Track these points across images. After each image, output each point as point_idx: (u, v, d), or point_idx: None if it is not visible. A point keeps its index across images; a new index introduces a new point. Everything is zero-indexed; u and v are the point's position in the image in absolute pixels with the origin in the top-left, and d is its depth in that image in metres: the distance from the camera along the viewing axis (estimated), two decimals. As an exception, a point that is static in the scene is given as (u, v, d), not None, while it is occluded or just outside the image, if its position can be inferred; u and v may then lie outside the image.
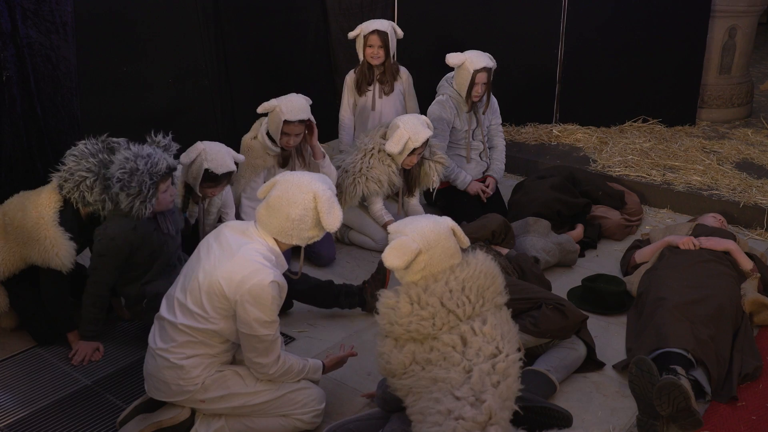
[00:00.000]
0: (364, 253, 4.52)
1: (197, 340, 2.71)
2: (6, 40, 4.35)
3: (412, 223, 2.60)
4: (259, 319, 2.61)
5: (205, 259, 2.71)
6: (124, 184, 3.19)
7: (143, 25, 5.09)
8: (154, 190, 3.24)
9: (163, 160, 3.28)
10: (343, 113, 5.14)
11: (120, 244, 3.29)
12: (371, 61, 4.90)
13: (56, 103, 4.67)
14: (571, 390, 3.21)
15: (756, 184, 5.12)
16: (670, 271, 3.73)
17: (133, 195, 3.21)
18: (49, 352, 3.52)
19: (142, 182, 3.20)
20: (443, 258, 2.55)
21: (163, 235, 3.46)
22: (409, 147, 4.25)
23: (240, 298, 2.58)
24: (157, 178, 3.25)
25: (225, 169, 3.69)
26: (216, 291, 2.62)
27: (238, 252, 2.64)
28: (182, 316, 2.71)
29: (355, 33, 4.93)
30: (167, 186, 3.36)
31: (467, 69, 4.61)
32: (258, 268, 2.59)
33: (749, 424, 2.98)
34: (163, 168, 3.27)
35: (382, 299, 2.59)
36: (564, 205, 4.58)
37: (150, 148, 3.31)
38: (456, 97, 4.77)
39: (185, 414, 2.86)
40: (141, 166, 3.20)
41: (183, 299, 2.72)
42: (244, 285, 2.57)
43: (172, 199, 3.44)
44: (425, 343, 2.52)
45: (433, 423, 2.41)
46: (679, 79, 6.36)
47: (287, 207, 2.64)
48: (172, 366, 2.73)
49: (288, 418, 2.87)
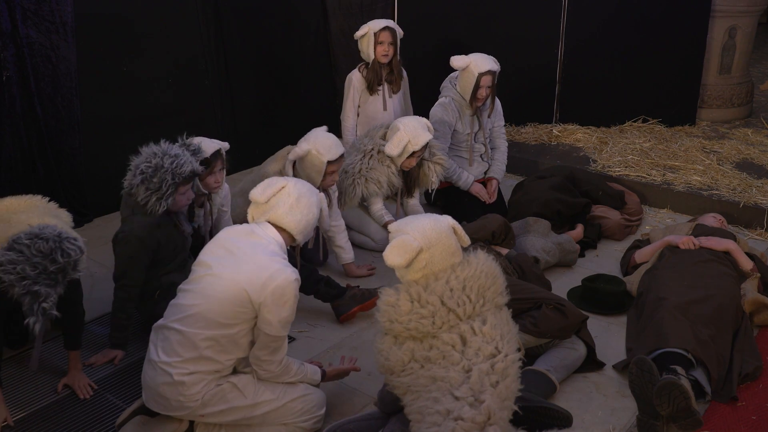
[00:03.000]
0: (364, 254, 4.52)
1: (203, 356, 2.68)
2: (6, 40, 4.35)
3: (412, 221, 2.60)
4: (283, 319, 2.65)
5: (218, 267, 2.69)
6: (146, 177, 3.22)
7: (143, 25, 5.09)
8: (174, 190, 3.26)
9: (189, 164, 3.30)
10: (348, 115, 5.02)
11: (149, 244, 3.31)
12: (382, 59, 4.84)
13: (56, 103, 4.67)
14: (571, 390, 3.21)
15: (756, 184, 5.12)
16: (670, 271, 3.73)
17: (152, 190, 3.23)
18: (50, 351, 3.52)
19: (164, 180, 3.22)
20: (444, 256, 2.55)
21: (181, 232, 3.50)
22: (409, 150, 4.25)
23: (265, 299, 2.61)
24: (179, 180, 3.26)
25: (212, 149, 3.67)
26: (240, 296, 2.62)
27: (254, 254, 2.66)
28: (196, 326, 2.67)
29: (362, 32, 4.82)
30: (187, 189, 3.38)
31: (472, 72, 4.57)
32: (279, 267, 2.63)
33: (749, 424, 2.98)
34: (187, 171, 3.28)
35: (382, 297, 2.59)
36: (564, 205, 4.58)
37: (179, 149, 3.33)
38: (459, 100, 4.74)
39: (184, 427, 2.86)
40: (167, 164, 3.22)
41: (196, 308, 2.67)
42: (269, 285, 2.60)
43: (188, 202, 3.46)
44: (424, 341, 2.52)
45: (432, 423, 2.41)
46: (679, 79, 6.36)
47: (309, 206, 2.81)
48: (172, 383, 2.69)
49: (289, 426, 2.86)
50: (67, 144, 4.78)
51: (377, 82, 4.93)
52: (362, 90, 4.96)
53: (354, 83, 4.96)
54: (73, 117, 4.77)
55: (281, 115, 6.12)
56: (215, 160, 3.69)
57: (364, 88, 4.95)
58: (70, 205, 4.86)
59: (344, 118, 5.06)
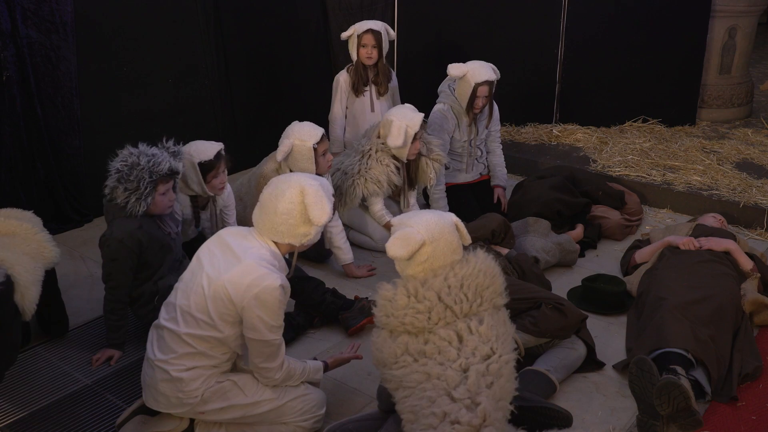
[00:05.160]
0: (364, 253, 4.52)
1: (198, 351, 2.69)
2: (6, 40, 4.35)
3: (416, 215, 2.60)
4: (267, 323, 2.60)
5: (209, 266, 2.68)
6: (122, 176, 3.19)
7: (143, 25, 5.09)
8: (152, 188, 3.23)
9: (167, 162, 3.25)
10: (336, 115, 5.01)
11: (130, 245, 3.26)
12: (365, 61, 4.85)
13: (56, 103, 4.67)
14: (571, 390, 3.21)
15: (756, 184, 5.12)
16: (670, 271, 3.73)
17: (130, 190, 3.20)
18: (49, 351, 3.52)
19: (141, 178, 3.18)
20: (446, 252, 2.55)
21: (166, 234, 3.46)
22: (410, 134, 4.23)
23: (247, 304, 2.57)
24: (157, 177, 3.22)
25: (214, 151, 3.68)
26: (222, 296, 2.60)
27: (243, 257, 2.62)
28: (185, 325, 2.68)
29: (348, 33, 4.86)
30: (167, 189, 3.32)
31: (468, 82, 4.52)
32: (264, 273, 2.57)
33: (749, 424, 2.98)
34: (164, 168, 3.23)
35: (380, 291, 2.59)
36: (564, 205, 4.58)
37: (157, 150, 3.30)
38: (457, 108, 4.70)
39: (184, 425, 2.85)
40: (143, 162, 3.19)
41: (186, 307, 2.68)
42: (252, 290, 2.56)
43: (170, 204, 3.41)
44: (420, 335, 2.51)
45: (428, 425, 2.39)
46: (679, 79, 6.37)
47: (275, 201, 2.64)
48: (171, 379, 2.69)
49: (289, 425, 2.86)
50: (67, 144, 4.78)
51: (362, 83, 4.93)
52: (348, 91, 4.97)
53: (341, 84, 4.96)
54: (73, 117, 4.77)
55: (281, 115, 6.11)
56: (218, 161, 3.69)
57: (350, 89, 4.96)
58: (70, 205, 4.88)
59: (332, 119, 5.06)
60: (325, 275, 4.14)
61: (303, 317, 3.69)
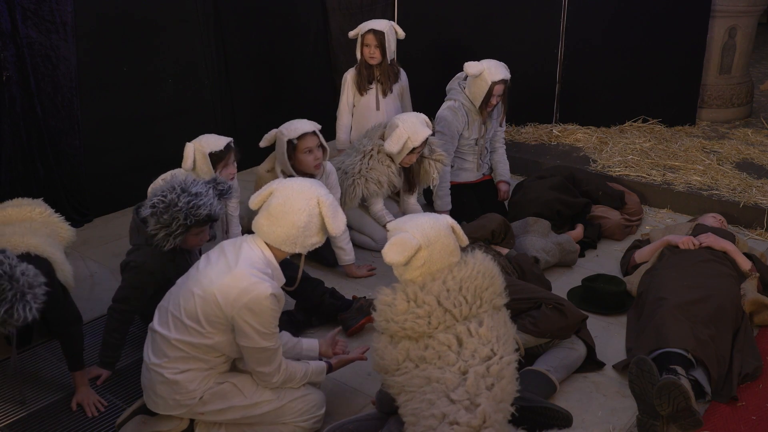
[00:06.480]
0: (364, 253, 4.52)
1: (190, 355, 2.68)
2: (6, 40, 4.35)
3: (412, 220, 2.60)
4: (259, 331, 2.59)
5: (203, 273, 2.66)
6: (156, 211, 2.99)
7: (143, 25, 5.09)
8: (184, 230, 3.04)
9: (207, 208, 3.02)
10: (342, 113, 5.06)
11: (159, 279, 3.18)
12: (369, 61, 4.86)
13: (56, 103, 4.67)
14: (571, 390, 3.21)
15: (756, 184, 5.12)
16: (670, 271, 3.73)
17: (162, 224, 3.01)
18: (49, 351, 3.52)
19: (175, 218, 3.00)
20: (443, 255, 2.55)
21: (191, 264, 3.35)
22: (408, 146, 4.23)
23: (237, 312, 2.56)
24: (192, 222, 3.02)
25: (224, 143, 3.67)
26: (212, 303, 2.59)
27: (235, 266, 2.59)
28: (176, 331, 2.67)
29: (354, 32, 4.91)
30: (201, 231, 3.13)
31: (485, 80, 4.51)
32: (255, 282, 2.55)
33: (749, 424, 2.98)
34: (202, 215, 3.02)
35: (379, 296, 2.59)
36: (564, 205, 4.58)
37: (203, 187, 3.07)
38: (468, 106, 4.69)
39: (184, 425, 2.85)
40: (182, 203, 2.98)
41: (177, 313, 2.67)
42: (241, 299, 2.54)
43: (201, 243, 3.24)
44: (420, 340, 2.52)
45: (428, 427, 2.39)
46: (679, 79, 6.37)
47: (292, 215, 2.60)
48: (166, 381, 2.69)
49: (288, 425, 2.86)
50: (67, 144, 4.78)
51: (367, 81, 4.95)
52: (354, 89, 5.01)
53: (348, 81, 5.01)
54: (73, 117, 4.78)
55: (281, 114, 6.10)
56: (228, 152, 3.70)
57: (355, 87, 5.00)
58: (70, 205, 4.88)
59: (339, 116, 5.10)
60: (324, 275, 4.15)
61: (303, 315, 3.70)
